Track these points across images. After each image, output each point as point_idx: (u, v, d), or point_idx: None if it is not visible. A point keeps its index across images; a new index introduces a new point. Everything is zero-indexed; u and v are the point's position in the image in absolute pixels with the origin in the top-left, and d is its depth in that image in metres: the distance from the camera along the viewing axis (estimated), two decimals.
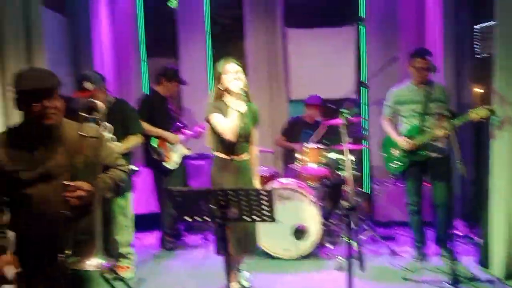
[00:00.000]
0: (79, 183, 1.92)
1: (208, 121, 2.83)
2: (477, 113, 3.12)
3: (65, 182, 1.90)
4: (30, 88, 1.87)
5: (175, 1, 5.55)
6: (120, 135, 3.35)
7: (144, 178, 4.32)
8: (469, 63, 4.59)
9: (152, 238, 4.42)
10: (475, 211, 4.53)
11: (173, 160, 4.04)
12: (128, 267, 3.48)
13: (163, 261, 3.90)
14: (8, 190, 1.94)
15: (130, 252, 3.51)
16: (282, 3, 5.13)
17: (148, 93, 4.32)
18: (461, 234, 4.14)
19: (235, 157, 2.88)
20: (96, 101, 2.15)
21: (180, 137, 4.17)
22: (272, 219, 2.16)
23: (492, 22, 3.62)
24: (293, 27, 5.32)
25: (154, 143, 3.95)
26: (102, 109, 2.16)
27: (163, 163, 3.99)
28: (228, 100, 2.83)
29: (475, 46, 4.55)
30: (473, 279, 3.17)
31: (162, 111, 4.09)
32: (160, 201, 4.24)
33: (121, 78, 5.11)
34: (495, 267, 3.25)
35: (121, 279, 3.15)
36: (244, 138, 2.88)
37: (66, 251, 1.87)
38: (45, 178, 1.91)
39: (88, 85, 3.28)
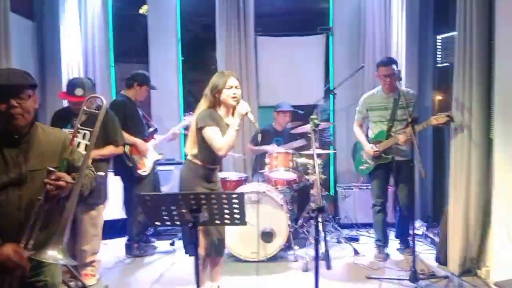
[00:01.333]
0: (62, 174, 1.86)
1: (201, 130, 2.76)
2: (437, 119, 3.35)
3: (50, 168, 1.85)
4: None
5: (146, 7, 5.59)
6: (100, 142, 3.34)
7: (110, 185, 4.30)
8: (431, 72, 4.88)
9: (119, 245, 4.39)
10: (434, 211, 4.81)
11: (147, 166, 4.07)
12: (92, 275, 3.45)
13: (130, 268, 3.87)
14: None
15: (95, 260, 3.49)
16: (253, 11, 5.25)
17: (118, 98, 4.25)
18: (420, 233, 4.37)
19: (215, 166, 2.94)
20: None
21: (152, 142, 4.20)
22: (243, 222, 2.25)
23: (453, 33, 3.88)
24: (264, 35, 5.46)
25: (127, 150, 3.94)
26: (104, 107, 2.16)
27: (138, 171, 4.00)
28: (221, 112, 2.84)
29: (437, 55, 4.83)
30: (431, 275, 3.36)
31: (134, 116, 4.09)
32: (127, 208, 4.23)
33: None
34: (451, 264, 3.46)
35: (85, 286, 3.15)
36: None
37: (30, 241, 1.81)
38: (17, 182, 1.86)
39: (79, 91, 3.29)
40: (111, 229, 4.41)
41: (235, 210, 2.20)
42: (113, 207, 4.52)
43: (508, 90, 3.01)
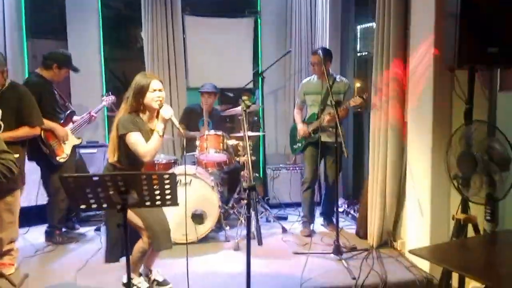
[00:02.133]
0: None
1: (123, 137, 2.67)
2: (354, 101, 3.67)
3: None
4: None
5: None
6: (12, 122, 3.10)
7: (28, 171, 4.00)
8: (351, 60, 5.13)
9: (37, 232, 4.12)
10: (354, 189, 5.13)
11: (65, 152, 3.83)
12: (11, 264, 3.23)
13: (52, 256, 3.66)
14: None
15: (13, 249, 3.26)
16: None
17: (32, 78, 3.89)
18: (342, 210, 4.66)
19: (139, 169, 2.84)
20: None
21: (70, 126, 3.96)
22: (175, 203, 2.22)
23: (372, 23, 4.12)
24: (192, 14, 5.33)
25: (43, 135, 3.66)
26: None
27: (57, 158, 3.75)
28: (144, 117, 2.76)
29: (357, 45, 5.09)
30: (353, 248, 3.60)
31: (49, 98, 3.79)
32: (47, 194, 3.99)
33: None
34: (370, 238, 3.73)
35: (2, 275, 2.93)
36: None
37: None
38: None
39: None
40: (30, 216, 4.12)
41: (167, 191, 2.17)
42: (31, 193, 4.21)
43: (419, 78, 3.26)
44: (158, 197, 2.18)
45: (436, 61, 3.01)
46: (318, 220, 4.37)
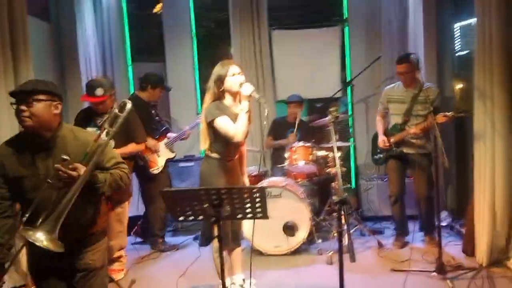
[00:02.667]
0: (77, 165, 1.96)
1: (212, 123, 2.76)
2: (443, 117, 3.34)
3: (64, 157, 1.94)
4: (11, 92, 2.02)
5: (159, 6, 5.61)
6: (122, 141, 3.39)
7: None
8: (450, 60, 4.75)
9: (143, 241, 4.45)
10: (458, 202, 4.70)
11: (159, 164, 4.12)
12: (120, 270, 3.54)
13: (156, 262, 3.94)
14: (13, 195, 2.05)
15: (122, 255, 3.57)
16: (266, 5, 5.20)
17: (131, 99, 4.29)
18: (445, 225, 4.29)
19: (232, 158, 2.93)
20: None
21: (164, 141, 4.24)
22: (265, 216, 2.24)
23: (473, 20, 3.77)
24: (278, 28, 5.41)
25: None
26: (128, 109, 2.20)
27: (150, 169, 4.05)
28: (228, 102, 2.84)
29: (455, 43, 4.71)
30: (459, 267, 3.29)
31: (146, 116, 4.10)
32: (146, 204, 4.29)
33: None
34: (479, 255, 3.38)
35: (113, 280, 3.21)
36: None
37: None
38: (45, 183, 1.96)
39: (99, 91, 3.33)
40: (134, 225, 4.46)
41: (257, 205, 2.20)
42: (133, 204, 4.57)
43: None
44: (248, 210, 2.22)
45: None
46: (417, 235, 4.06)
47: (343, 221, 2.35)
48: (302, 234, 3.78)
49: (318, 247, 3.89)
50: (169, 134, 4.34)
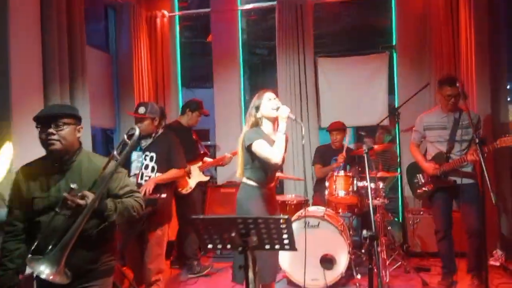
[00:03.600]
0: (87, 193, 1.97)
1: (249, 148, 2.77)
2: (505, 141, 3.10)
3: (72, 186, 1.95)
4: (37, 115, 2.04)
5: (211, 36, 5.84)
6: (164, 165, 3.49)
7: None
8: (504, 86, 4.49)
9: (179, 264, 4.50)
10: None
11: (189, 186, 4.21)
12: None
13: (192, 286, 3.97)
14: (26, 217, 2.07)
15: (160, 279, 3.58)
16: (312, 32, 5.24)
17: (171, 123, 4.47)
18: (498, 264, 3.95)
19: (269, 185, 2.91)
20: (135, 128, 2.17)
21: (198, 164, 4.36)
22: (293, 247, 2.19)
23: None
24: (324, 56, 5.42)
25: None
26: (135, 137, 2.15)
27: (179, 189, 4.13)
28: (266, 129, 2.85)
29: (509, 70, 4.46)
30: None
31: (182, 141, 4.20)
32: (182, 227, 4.36)
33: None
34: None
35: None
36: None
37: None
38: (56, 206, 1.98)
39: (141, 109, 3.50)
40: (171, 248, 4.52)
41: (284, 235, 2.16)
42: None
43: None
44: (276, 241, 2.19)
45: None
46: (466, 278, 3.77)
47: (373, 258, 2.22)
48: (340, 268, 3.65)
49: (357, 283, 3.73)
50: (205, 158, 4.43)
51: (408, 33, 5.19)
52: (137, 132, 2.15)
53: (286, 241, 2.17)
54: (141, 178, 3.45)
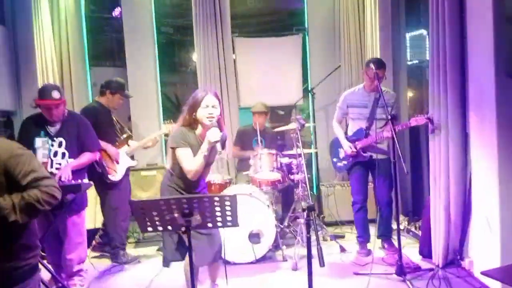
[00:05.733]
0: None
1: (173, 150, 2.73)
2: (416, 121, 3.45)
3: None
4: None
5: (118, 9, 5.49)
6: (75, 150, 3.28)
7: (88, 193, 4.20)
8: (404, 70, 5.00)
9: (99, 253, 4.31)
10: (414, 206, 4.94)
11: (118, 172, 4.00)
12: (81, 285, 3.37)
13: (118, 276, 3.82)
14: None
15: (83, 269, 3.40)
16: (229, 12, 5.23)
17: (89, 104, 4.19)
18: (402, 228, 4.47)
19: (190, 190, 2.84)
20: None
21: (124, 148, 4.14)
22: (235, 223, 2.25)
23: (422, 31, 3.96)
24: (241, 36, 5.46)
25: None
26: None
27: (109, 176, 3.92)
28: (198, 131, 2.76)
29: (407, 53, 4.96)
30: (417, 268, 3.45)
31: (104, 123, 4.00)
32: (106, 215, 4.12)
33: (64, 88, 5.00)
34: (435, 257, 3.55)
35: None
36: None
37: None
38: None
39: (55, 94, 3.17)
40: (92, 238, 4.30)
41: (228, 213, 2.21)
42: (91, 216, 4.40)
43: (481, 87, 3.11)
44: (219, 219, 2.22)
45: (498, 68, 2.87)
46: (376, 243, 4.19)
47: (311, 227, 2.37)
48: (267, 242, 3.81)
49: (283, 254, 3.93)
50: (130, 142, 4.24)
51: (319, 16, 5.47)
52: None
53: (229, 218, 2.22)
54: (51, 166, 3.20)
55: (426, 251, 3.74)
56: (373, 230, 4.17)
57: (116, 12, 5.90)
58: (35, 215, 1.86)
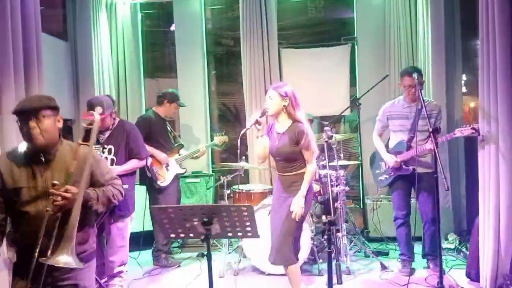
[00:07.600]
0: (69, 186, 2.01)
1: None
2: (461, 131, 3.27)
3: (54, 182, 2.00)
4: (16, 109, 2.04)
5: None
6: (123, 156, 3.46)
7: (139, 196, 4.41)
8: (459, 80, 4.71)
9: (146, 255, 4.48)
10: (467, 224, 4.59)
11: (166, 178, 4.18)
12: (120, 286, 3.54)
13: (158, 278, 3.96)
14: (8, 207, 2.09)
15: (123, 271, 3.57)
16: (276, 24, 5.26)
17: (146, 114, 4.46)
18: (452, 247, 4.18)
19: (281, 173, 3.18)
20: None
21: (175, 156, 4.33)
22: (255, 235, 2.25)
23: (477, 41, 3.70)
24: (288, 47, 5.47)
25: (148, 162, 4.06)
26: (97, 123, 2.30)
27: (157, 182, 4.11)
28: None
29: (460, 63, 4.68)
30: None
31: (159, 131, 4.26)
32: (153, 218, 4.32)
33: (120, 97, 5.35)
34: (483, 280, 3.28)
35: None
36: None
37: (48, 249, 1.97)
38: (44, 196, 2.02)
39: (98, 109, 3.39)
40: (139, 240, 4.48)
41: (247, 223, 2.21)
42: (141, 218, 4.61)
43: None
44: (238, 229, 2.23)
45: None
46: (421, 262, 3.96)
47: (332, 242, 2.31)
48: (302, 254, 3.73)
49: (319, 268, 3.84)
50: (181, 151, 4.43)
51: (368, 25, 5.33)
52: (97, 117, 2.30)
53: (248, 229, 2.23)
54: None
55: (473, 274, 3.47)
56: (417, 248, 3.97)
57: (172, 27, 6.18)
58: (108, 207, 2.27)
